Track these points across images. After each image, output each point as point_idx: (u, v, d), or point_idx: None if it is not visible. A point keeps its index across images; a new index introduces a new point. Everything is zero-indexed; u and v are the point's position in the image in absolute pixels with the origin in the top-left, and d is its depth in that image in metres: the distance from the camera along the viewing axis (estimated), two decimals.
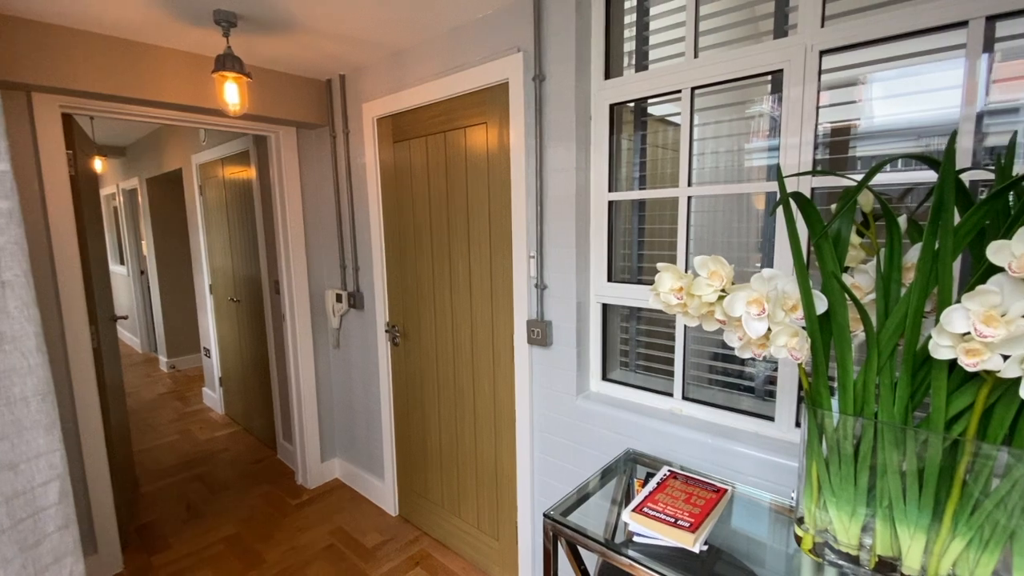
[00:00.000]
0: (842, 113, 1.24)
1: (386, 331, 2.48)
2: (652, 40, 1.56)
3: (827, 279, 0.89)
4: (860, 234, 1.00)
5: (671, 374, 1.61)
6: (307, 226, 2.80)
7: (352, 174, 2.52)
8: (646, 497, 1.14)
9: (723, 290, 0.93)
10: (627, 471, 1.41)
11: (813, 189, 1.27)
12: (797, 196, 0.92)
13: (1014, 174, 0.80)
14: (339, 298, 2.68)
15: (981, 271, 0.76)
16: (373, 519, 2.61)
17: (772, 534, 1.12)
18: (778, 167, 1.02)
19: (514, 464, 1.98)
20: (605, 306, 1.73)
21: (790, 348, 0.90)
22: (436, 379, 2.28)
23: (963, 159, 1.06)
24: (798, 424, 1.34)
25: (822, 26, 1.20)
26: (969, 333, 0.72)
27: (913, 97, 1.14)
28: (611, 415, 1.62)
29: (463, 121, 1.95)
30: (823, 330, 0.92)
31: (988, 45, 1.03)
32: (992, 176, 1.02)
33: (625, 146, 1.67)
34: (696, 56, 1.42)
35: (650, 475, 1.26)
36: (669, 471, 1.27)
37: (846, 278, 0.95)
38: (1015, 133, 0.87)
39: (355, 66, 2.36)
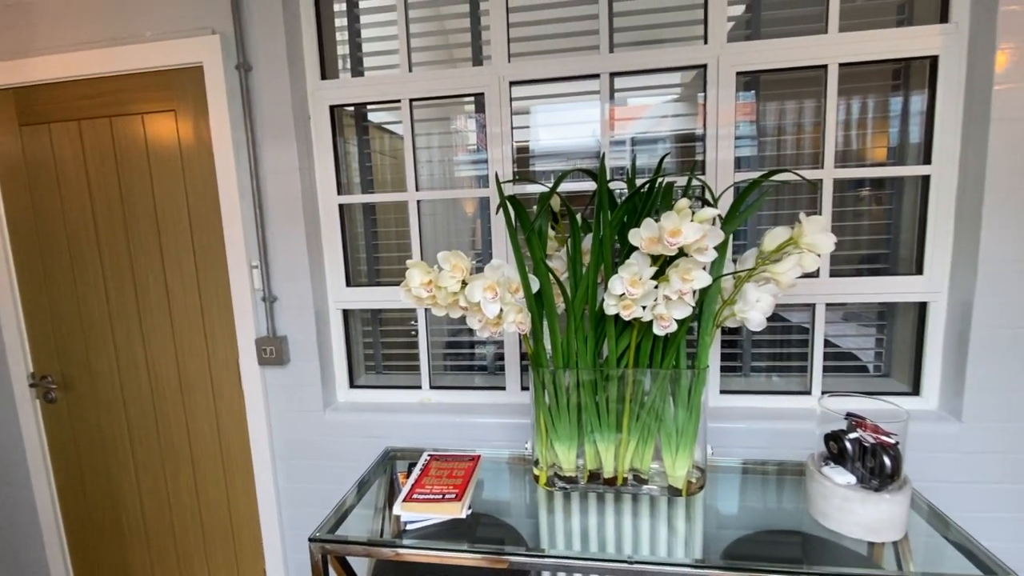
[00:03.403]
0: (526, 135, 1.56)
1: (31, 385, 1.79)
2: (366, 48, 1.60)
3: (537, 265, 1.12)
4: (552, 229, 1.28)
5: (417, 368, 1.70)
6: None
7: None
8: (413, 485, 1.19)
9: (464, 280, 1.05)
10: (389, 469, 1.43)
11: (514, 195, 1.54)
12: (511, 200, 1.12)
13: (636, 184, 1.18)
14: None
15: (626, 250, 1.08)
16: None
17: (514, 482, 1.33)
18: (495, 174, 1.21)
19: (255, 506, 1.73)
20: (346, 312, 1.69)
21: (518, 323, 1.09)
22: (127, 434, 1.79)
23: (608, 174, 1.47)
24: (524, 388, 1.61)
25: (509, 61, 1.48)
26: (624, 294, 1.03)
27: (572, 127, 1.52)
28: (364, 420, 1.61)
29: (140, 106, 1.58)
30: (538, 305, 1.15)
31: (612, 94, 1.46)
32: (625, 186, 1.45)
33: (351, 150, 1.67)
34: (411, 70, 1.54)
35: (412, 465, 1.32)
36: (429, 456, 1.35)
37: (548, 263, 1.21)
38: (633, 156, 1.27)
39: None
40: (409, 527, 1.11)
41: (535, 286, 1.14)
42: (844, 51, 1.34)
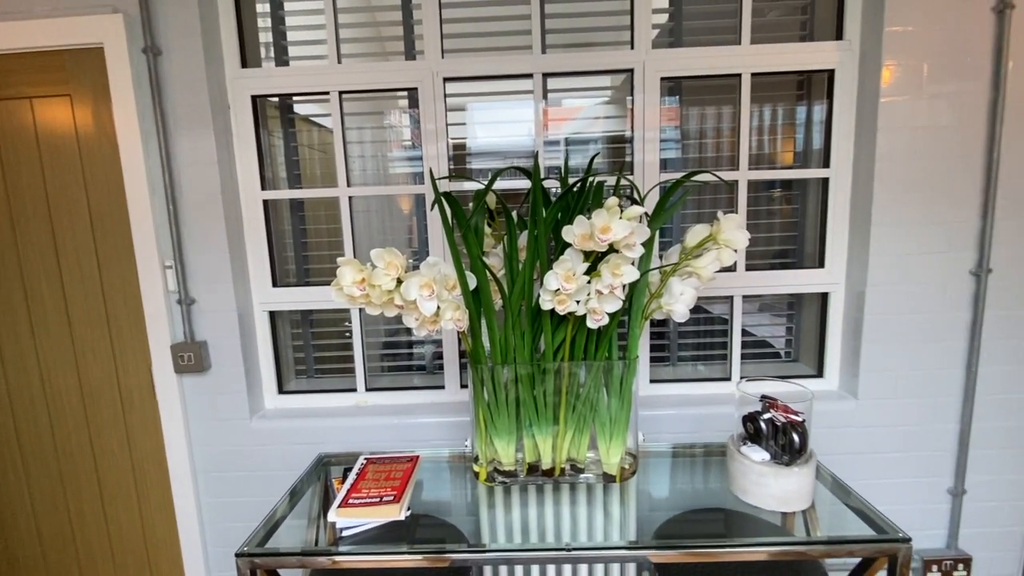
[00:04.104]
0: (463, 132, 1.55)
1: None
2: (292, 36, 1.53)
3: (474, 262, 1.12)
4: (489, 226, 1.29)
5: (352, 371, 1.65)
6: None
7: None
8: (349, 490, 1.16)
9: (399, 278, 1.03)
10: (323, 476, 1.38)
11: (449, 192, 1.54)
12: (447, 196, 1.11)
13: (569, 183, 1.21)
14: None
15: (560, 247, 1.11)
16: None
17: (454, 480, 1.33)
18: (429, 170, 1.20)
19: (173, 525, 1.61)
20: (273, 314, 1.61)
21: (455, 320, 1.09)
22: (17, 457, 1.60)
23: (543, 173, 1.50)
24: (463, 386, 1.61)
25: (443, 57, 1.46)
26: (559, 289, 1.05)
27: (508, 126, 1.53)
28: (295, 427, 1.54)
29: (28, 89, 1.41)
30: (475, 302, 1.15)
31: (545, 94, 1.49)
32: (558, 184, 1.48)
33: (276, 143, 1.58)
34: (340, 62, 1.49)
35: (348, 470, 1.28)
36: (365, 459, 1.32)
37: (485, 260, 1.21)
38: (567, 156, 1.30)
39: None
40: (345, 533, 1.08)
41: (472, 283, 1.14)
42: (755, 62, 1.45)
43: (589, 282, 1.06)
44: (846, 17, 1.44)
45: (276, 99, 1.56)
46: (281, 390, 1.65)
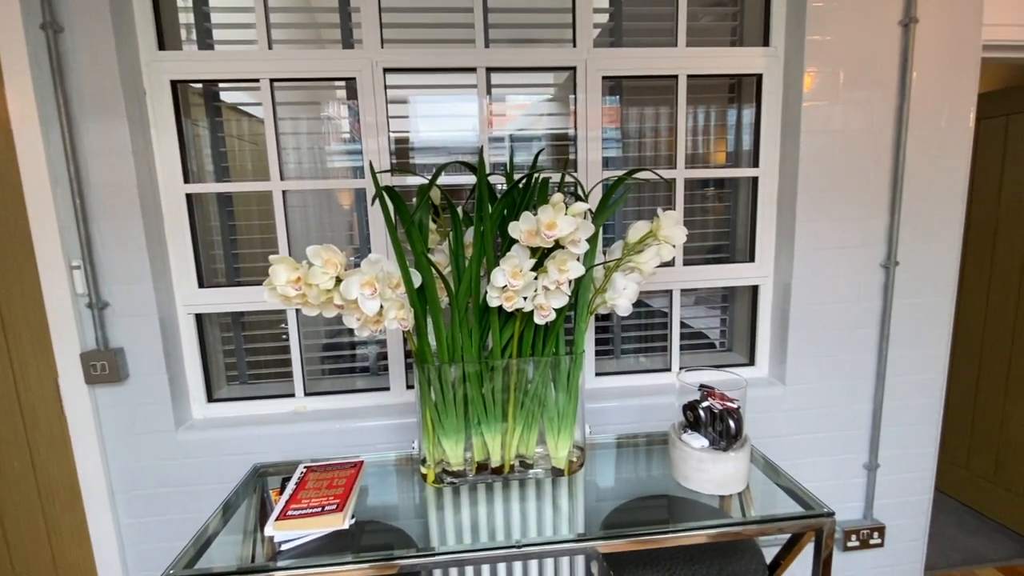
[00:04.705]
0: (404, 125, 1.51)
1: None
2: (216, 19, 1.42)
3: (418, 259, 1.09)
4: (434, 222, 1.26)
5: (290, 375, 1.57)
6: None
7: None
8: (288, 501, 1.10)
9: (338, 276, 0.99)
10: (259, 488, 1.30)
11: (392, 187, 1.49)
12: (389, 191, 1.08)
13: (514, 179, 1.20)
14: None
15: (507, 243, 1.10)
16: None
17: (401, 484, 1.29)
18: (369, 163, 1.15)
19: (88, 552, 1.46)
20: (200, 317, 1.50)
21: (400, 319, 1.05)
22: None
23: (488, 169, 1.48)
24: (410, 386, 1.57)
25: (383, 47, 1.41)
26: (507, 286, 1.04)
27: (452, 120, 1.51)
28: (227, 437, 1.44)
29: None
30: (420, 300, 1.12)
31: (489, 89, 1.47)
32: (504, 180, 1.47)
33: (201, 132, 1.47)
34: (271, 48, 1.40)
35: (286, 480, 1.21)
36: (305, 468, 1.25)
37: (430, 257, 1.18)
38: (511, 152, 1.29)
39: None
40: (285, 547, 1.02)
41: (417, 280, 1.11)
42: (690, 64, 1.51)
43: (536, 278, 1.06)
44: (772, 25, 1.52)
45: (200, 85, 1.45)
46: (211, 398, 1.54)
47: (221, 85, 1.47)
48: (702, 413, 1.19)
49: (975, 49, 1.47)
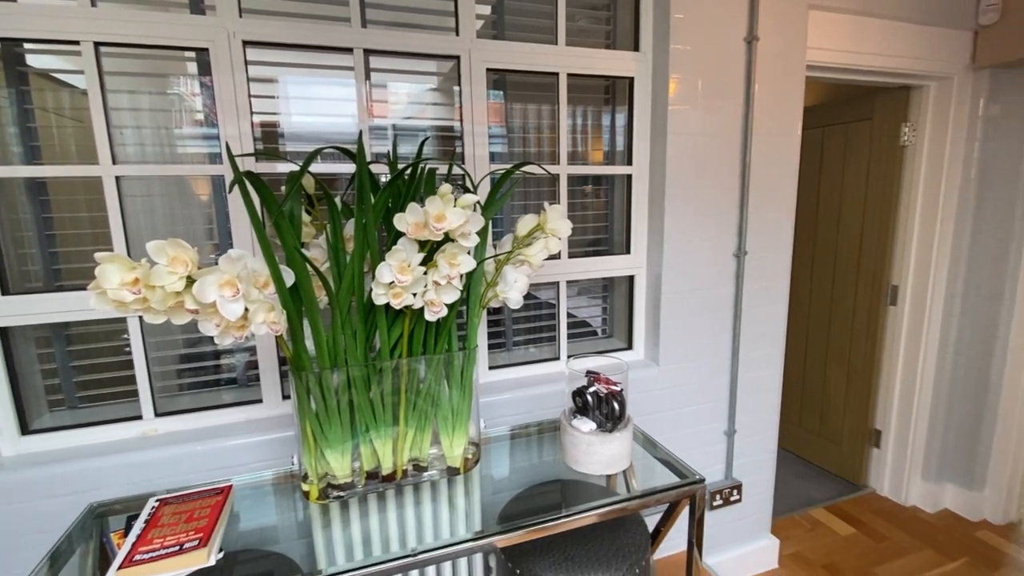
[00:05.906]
0: (271, 107, 1.36)
1: None
2: None
3: (290, 254, 0.99)
4: (308, 213, 1.15)
5: (135, 393, 1.33)
6: None
7: None
8: (135, 544, 0.93)
9: (189, 276, 0.85)
10: (97, 531, 1.09)
11: (256, 173, 1.33)
12: (251, 176, 0.95)
13: (399, 168, 1.14)
14: None
15: (393, 236, 1.04)
16: None
17: (281, 504, 1.17)
18: (226, 145, 1.01)
19: None
20: (6, 331, 1.21)
21: (270, 323, 0.94)
22: None
23: (369, 157, 1.39)
24: (286, 396, 1.43)
25: (240, 16, 1.25)
26: (394, 282, 0.99)
27: (327, 104, 1.39)
28: (52, 475, 1.19)
29: None
30: (294, 300, 1.01)
31: (368, 74, 1.38)
32: (387, 170, 1.39)
33: (0, 104, 1.18)
34: (95, 4, 1.17)
35: (133, 519, 1.03)
36: (158, 501, 1.07)
37: (306, 252, 1.08)
38: (395, 141, 1.22)
39: None
40: None
41: (290, 279, 1.00)
42: (570, 63, 1.56)
43: (425, 273, 1.01)
44: (641, 31, 1.63)
45: None
46: (26, 430, 1.25)
47: (27, 46, 1.19)
48: (589, 398, 1.24)
49: (801, 68, 1.72)
